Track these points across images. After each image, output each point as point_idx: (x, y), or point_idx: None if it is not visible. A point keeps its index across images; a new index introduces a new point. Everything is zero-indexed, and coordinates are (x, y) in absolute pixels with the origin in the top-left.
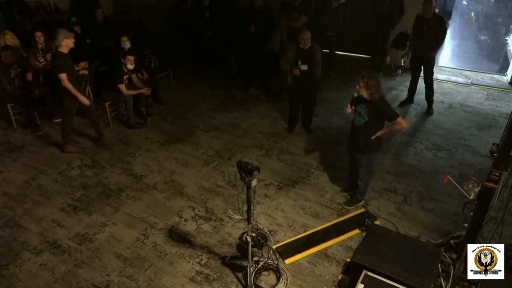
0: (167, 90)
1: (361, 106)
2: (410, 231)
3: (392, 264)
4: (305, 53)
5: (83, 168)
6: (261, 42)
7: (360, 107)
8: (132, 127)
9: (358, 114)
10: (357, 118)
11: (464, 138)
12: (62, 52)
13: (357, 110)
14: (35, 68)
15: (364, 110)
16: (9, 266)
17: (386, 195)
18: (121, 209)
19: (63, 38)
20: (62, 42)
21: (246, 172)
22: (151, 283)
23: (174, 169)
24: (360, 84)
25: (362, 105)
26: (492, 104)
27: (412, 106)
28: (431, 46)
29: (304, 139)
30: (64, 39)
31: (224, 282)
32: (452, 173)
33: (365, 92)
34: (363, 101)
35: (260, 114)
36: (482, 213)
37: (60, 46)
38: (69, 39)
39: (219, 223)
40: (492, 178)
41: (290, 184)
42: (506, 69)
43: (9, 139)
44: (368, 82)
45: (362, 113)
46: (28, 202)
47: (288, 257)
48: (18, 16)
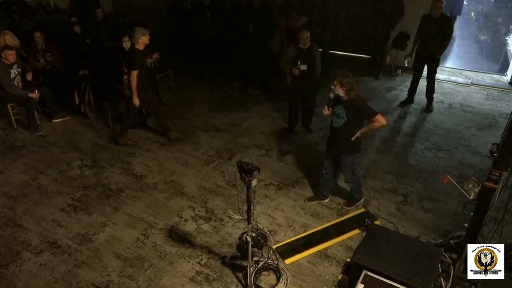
0: (167, 90)
1: (339, 107)
2: (410, 231)
3: (392, 264)
4: (305, 53)
5: (83, 168)
6: (260, 42)
7: (338, 109)
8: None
9: (336, 116)
10: (335, 120)
11: (464, 138)
12: (139, 49)
13: (335, 112)
14: (35, 68)
15: (342, 111)
16: (9, 266)
17: (386, 195)
18: (121, 209)
19: (140, 35)
20: (139, 39)
21: (246, 172)
22: (151, 283)
23: (174, 169)
24: (335, 83)
25: (340, 106)
26: (492, 104)
27: (412, 106)
28: (438, 46)
29: (304, 139)
30: (141, 36)
31: (224, 282)
32: (452, 173)
33: (341, 90)
34: (340, 102)
35: (260, 114)
36: (482, 213)
37: (137, 43)
38: (145, 36)
39: (219, 223)
40: (492, 178)
41: (290, 184)
42: (506, 69)
43: (9, 139)
44: (341, 80)
45: (340, 115)
46: (28, 202)
47: (288, 257)
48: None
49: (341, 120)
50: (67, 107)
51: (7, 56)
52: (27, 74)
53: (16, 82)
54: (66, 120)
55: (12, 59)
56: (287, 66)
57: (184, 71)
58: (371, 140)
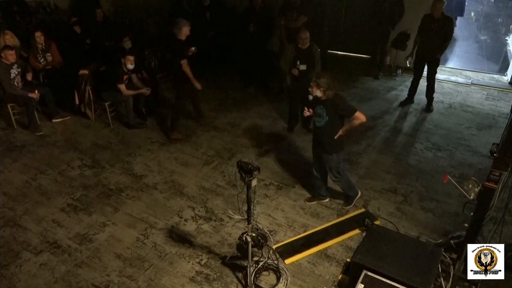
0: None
1: (319, 107)
2: (410, 231)
3: (392, 264)
4: (304, 53)
5: (83, 168)
6: (260, 42)
7: (318, 108)
8: (132, 127)
9: (317, 116)
10: (317, 119)
11: (464, 138)
12: (181, 39)
13: (316, 112)
14: (35, 68)
15: (323, 110)
16: (9, 266)
17: (386, 195)
18: (121, 209)
19: (182, 26)
20: (182, 30)
21: (246, 172)
22: (151, 283)
23: (174, 169)
24: (311, 86)
25: (320, 105)
26: (492, 104)
27: (412, 106)
28: (438, 46)
29: (304, 139)
30: (183, 27)
31: (224, 282)
32: (452, 173)
33: (318, 91)
34: (320, 102)
35: (260, 114)
36: (482, 213)
37: (180, 34)
38: (186, 27)
39: (219, 223)
40: (492, 178)
41: (290, 184)
42: (506, 69)
43: (9, 139)
44: (317, 81)
45: (321, 114)
46: (28, 202)
47: (288, 257)
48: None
49: (323, 120)
50: (67, 107)
51: (7, 56)
52: (27, 74)
53: (16, 82)
54: (66, 120)
55: (12, 59)
56: (287, 66)
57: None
58: (371, 140)
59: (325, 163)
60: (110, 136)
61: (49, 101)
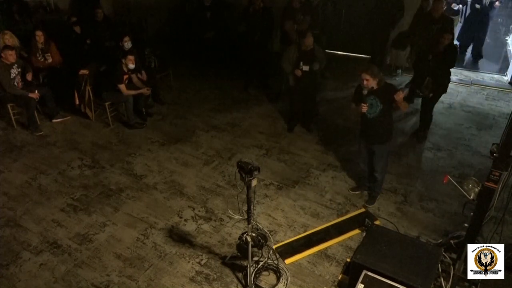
0: (167, 90)
1: (370, 98)
2: (410, 231)
3: (392, 264)
4: (307, 54)
5: (83, 168)
6: (260, 42)
7: (370, 99)
8: (132, 127)
9: (370, 107)
10: (370, 111)
11: (464, 138)
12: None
13: (369, 104)
14: (35, 67)
15: (375, 100)
16: (9, 266)
17: (386, 195)
18: (121, 209)
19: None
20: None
21: (246, 172)
22: (151, 283)
23: (174, 169)
24: (367, 78)
25: (371, 96)
26: (492, 104)
27: (412, 106)
28: None
29: (304, 139)
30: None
31: (224, 282)
32: (452, 173)
33: (374, 82)
34: (372, 92)
35: (260, 114)
36: (482, 213)
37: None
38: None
39: (219, 223)
40: (492, 178)
41: (290, 184)
42: (506, 69)
43: (9, 139)
44: (372, 71)
45: (374, 104)
46: (28, 202)
47: (288, 257)
48: (18, 16)
49: (377, 109)
50: (67, 107)
51: (7, 56)
52: (27, 74)
53: (16, 82)
54: (66, 120)
55: (12, 59)
56: (289, 67)
57: (184, 71)
58: None
59: (377, 154)
60: (110, 136)
61: (49, 101)
